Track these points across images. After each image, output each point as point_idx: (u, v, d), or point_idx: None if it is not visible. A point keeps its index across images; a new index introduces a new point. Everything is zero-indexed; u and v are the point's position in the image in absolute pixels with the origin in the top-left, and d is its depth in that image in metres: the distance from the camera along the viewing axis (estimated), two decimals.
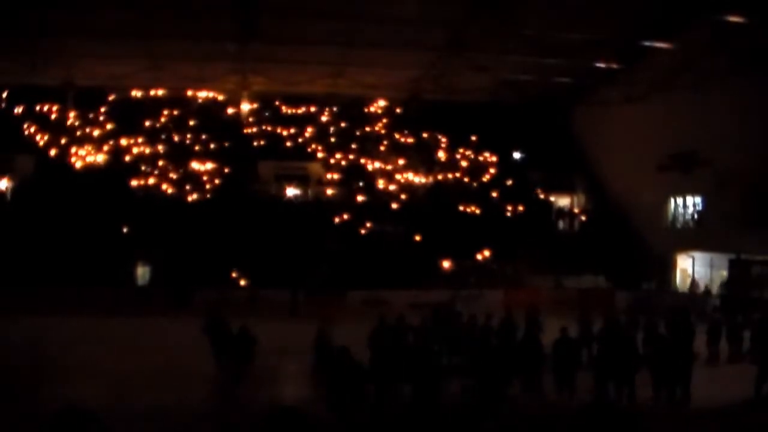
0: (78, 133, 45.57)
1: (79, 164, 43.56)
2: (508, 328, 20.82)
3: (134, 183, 42.39)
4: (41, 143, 44.58)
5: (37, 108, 46.20)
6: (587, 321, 21.57)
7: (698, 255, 38.29)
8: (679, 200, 40.87)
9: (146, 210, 39.45)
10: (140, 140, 45.46)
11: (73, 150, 44.30)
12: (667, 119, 38.28)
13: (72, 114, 46.45)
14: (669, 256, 40.16)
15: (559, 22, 34.48)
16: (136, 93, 47.52)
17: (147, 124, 46.50)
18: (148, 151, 45.04)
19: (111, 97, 47.22)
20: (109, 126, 46.08)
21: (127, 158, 44.33)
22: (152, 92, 47.66)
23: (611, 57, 39.03)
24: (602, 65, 39.90)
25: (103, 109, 46.95)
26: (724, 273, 35.24)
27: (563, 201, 47.64)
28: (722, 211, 34.94)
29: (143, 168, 43.59)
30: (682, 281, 39.73)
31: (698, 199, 39.58)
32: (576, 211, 46.83)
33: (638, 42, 36.87)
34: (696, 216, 39.81)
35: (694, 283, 38.23)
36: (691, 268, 38.79)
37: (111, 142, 45.11)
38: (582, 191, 47.85)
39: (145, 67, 41.08)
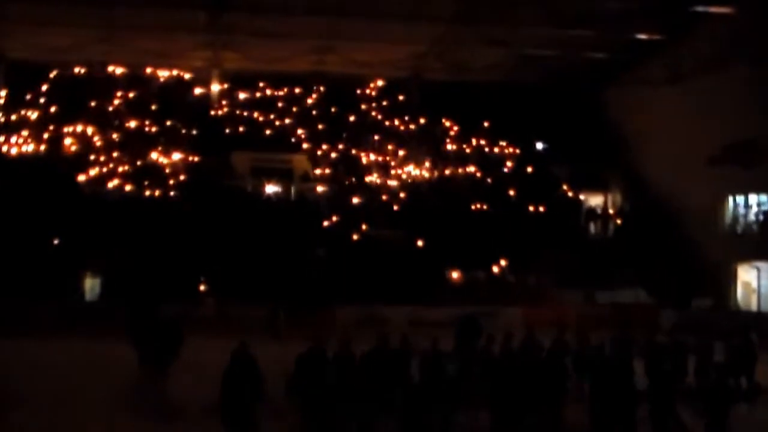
0: (11, 116, 45.31)
1: (13, 153, 43.29)
2: (530, 351, 20.42)
3: (81, 177, 42.04)
4: None
5: None
6: (625, 344, 21.12)
7: (765, 266, 38.03)
8: (739, 199, 40.66)
9: (96, 210, 39.19)
10: (89, 126, 45.21)
11: (4, 137, 43.96)
12: (723, 102, 38.02)
13: (3, 93, 46.28)
14: (727, 266, 39.98)
15: None
16: (84, 69, 47.30)
17: (97, 106, 46.28)
18: (98, 139, 44.76)
19: (53, 74, 47.07)
20: (50, 109, 45.87)
21: (73, 148, 44.18)
22: (104, 69, 47.49)
23: (654, 27, 38.87)
24: (643, 37, 39.83)
25: (43, 88, 46.83)
26: None
27: (595, 200, 47.49)
28: None
29: (92, 159, 43.33)
30: (743, 297, 39.46)
31: (764, 198, 39.46)
32: (610, 211, 46.69)
33: (688, 7, 36.53)
34: (761, 218, 39.55)
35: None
36: (756, 281, 38.55)
37: (52, 128, 44.87)
38: (617, 188, 47.74)
39: (95, 38, 41.18)
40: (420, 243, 40.17)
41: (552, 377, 17.71)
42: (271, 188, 44.55)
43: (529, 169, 47.21)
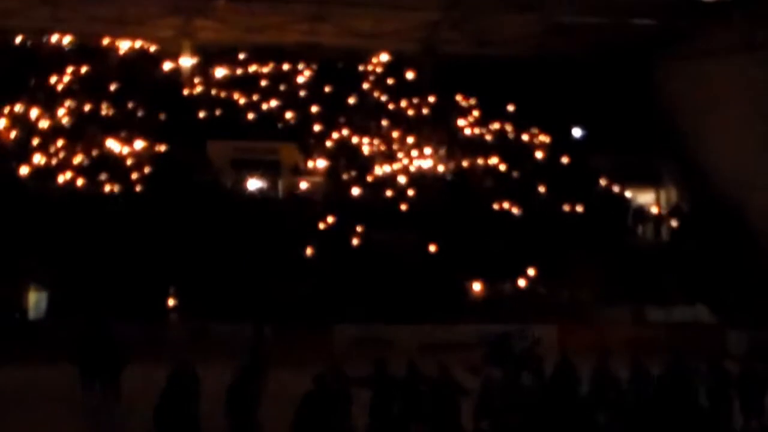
0: None
1: None
2: (565, 381, 20.12)
3: (23, 170, 41.74)
4: None
5: None
6: (683, 371, 21.30)
7: None
8: None
9: (42, 209, 38.86)
10: (32, 108, 45.02)
11: None
12: None
13: None
14: None
15: None
16: (26, 39, 47.30)
17: (42, 83, 46.07)
18: (44, 123, 44.57)
19: None
20: None
21: (12, 134, 43.92)
22: (50, 38, 47.46)
23: None
24: None
25: None
26: None
27: (644, 197, 47.55)
28: None
29: (36, 148, 43.09)
30: None
31: None
32: (663, 211, 46.55)
33: None
34: None
35: None
36: None
37: None
38: (672, 183, 47.84)
39: (39, 0, 40.60)
40: (433, 249, 40.15)
41: (592, 414, 17.55)
42: (254, 183, 44.48)
43: (564, 161, 46.95)
